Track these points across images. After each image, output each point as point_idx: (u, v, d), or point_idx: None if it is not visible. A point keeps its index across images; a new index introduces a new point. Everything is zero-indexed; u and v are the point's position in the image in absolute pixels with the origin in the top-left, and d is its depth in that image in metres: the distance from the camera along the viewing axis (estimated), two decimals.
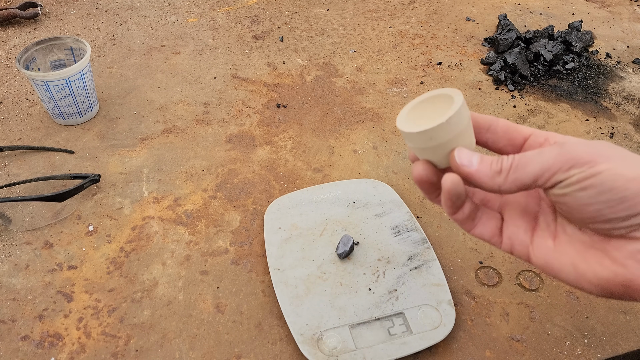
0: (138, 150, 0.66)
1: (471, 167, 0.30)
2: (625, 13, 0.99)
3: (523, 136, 0.33)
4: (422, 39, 0.89)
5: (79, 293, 0.51)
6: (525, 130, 0.33)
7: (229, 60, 0.83)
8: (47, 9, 0.94)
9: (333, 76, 0.80)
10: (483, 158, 0.31)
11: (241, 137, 0.69)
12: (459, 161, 0.31)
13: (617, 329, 0.49)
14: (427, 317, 0.47)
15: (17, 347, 0.47)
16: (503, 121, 0.34)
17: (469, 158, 0.31)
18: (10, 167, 0.63)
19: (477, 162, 0.30)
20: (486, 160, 0.30)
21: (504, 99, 0.77)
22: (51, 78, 0.63)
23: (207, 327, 0.48)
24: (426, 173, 0.33)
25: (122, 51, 0.84)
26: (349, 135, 0.69)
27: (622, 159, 0.27)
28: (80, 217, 0.58)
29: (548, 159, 0.28)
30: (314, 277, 0.50)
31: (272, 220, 0.56)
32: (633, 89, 0.80)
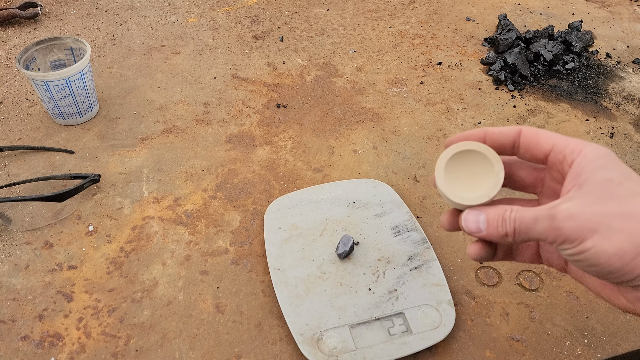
0: (138, 150, 0.66)
1: (481, 233, 0.32)
2: (625, 13, 0.99)
3: (544, 153, 0.33)
4: (422, 39, 0.89)
5: (79, 293, 0.51)
6: (545, 145, 0.33)
7: (229, 60, 0.83)
8: (47, 9, 0.94)
9: (333, 76, 0.80)
10: (489, 222, 0.32)
11: (241, 137, 0.69)
12: (468, 230, 0.33)
13: (617, 329, 0.49)
14: (427, 317, 0.47)
15: (17, 347, 0.47)
16: (524, 137, 0.34)
17: (476, 225, 0.32)
18: (10, 167, 0.63)
19: (484, 227, 0.32)
20: (492, 223, 0.32)
21: (504, 99, 0.77)
22: (51, 78, 0.63)
23: (207, 327, 0.48)
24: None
25: (122, 51, 0.84)
26: (349, 135, 0.69)
27: (607, 228, 0.27)
28: (80, 217, 0.58)
29: (543, 230, 0.29)
30: (314, 277, 0.50)
31: (272, 220, 0.56)
32: (633, 89, 0.80)
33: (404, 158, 0.66)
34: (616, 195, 0.28)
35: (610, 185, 0.28)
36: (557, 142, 0.32)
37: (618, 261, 0.27)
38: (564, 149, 0.32)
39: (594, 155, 0.30)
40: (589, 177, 0.29)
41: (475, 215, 0.32)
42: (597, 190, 0.28)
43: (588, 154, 0.30)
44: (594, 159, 0.30)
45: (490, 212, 0.32)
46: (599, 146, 0.31)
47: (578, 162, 0.30)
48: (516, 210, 0.30)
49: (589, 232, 0.27)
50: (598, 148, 0.30)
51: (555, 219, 0.28)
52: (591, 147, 0.30)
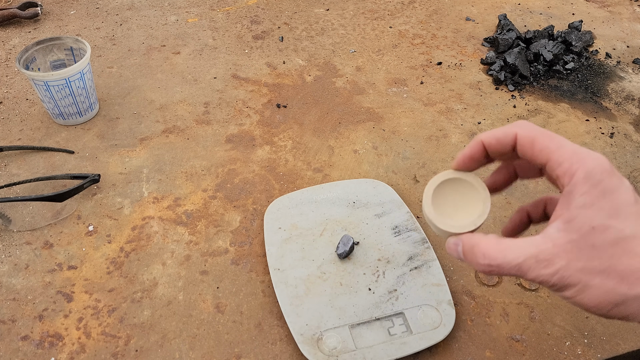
0: (138, 150, 0.66)
1: (466, 260, 0.33)
2: (625, 13, 0.99)
3: (540, 164, 0.32)
4: (422, 39, 0.89)
5: (79, 293, 0.51)
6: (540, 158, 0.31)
7: (229, 60, 0.83)
8: (47, 9, 0.94)
9: (333, 76, 0.80)
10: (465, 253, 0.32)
11: (241, 137, 0.69)
12: (451, 255, 0.34)
13: (617, 329, 0.49)
14: (427, 317, 0.47)
15: (17, 347, 0.47)
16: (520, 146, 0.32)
17: (457, 254, 0.33)
18: (10, 167, 0.63)
19: (463, 257, 0.33)
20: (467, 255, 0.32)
21: (504, 99, 0.77)
22: (51, 78, 0.63)
23: (207, 327, 0.48)
24: None
25: (122, 51, 0.84)
26: (349, 135, 0.69)
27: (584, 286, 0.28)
28: (80, 217, 0.58)
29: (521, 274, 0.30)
30: (314, 277, 0.50)
31: (272, 220, 0.56)
32: (633, 89, 0.80)
33: (404, 158, 0.66)
34: (597, 247, 0.28)
35: (592, 234, 0.28)
36: (552, 157, 0.31)
37: (595, 311, 0.28)
38: (557, 168, 0.30)
39: (584, 186, 0.29)
40: (576, 216, 0.28)
41: (455, 245, 0.33)
42: (579, 239, 0.28)
43: (578, 183, 0.29)
44: (583, 190, 0.29)
45: (465, 244, 0.32)
46: (594, 167, 0.29)
47: (568, 190, 0.29)
48: (486, 247, 0.31)
49: (568, 285, 0.28)
50: (591, 173, 0.29)
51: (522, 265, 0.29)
52: (583, 172, 0.29)
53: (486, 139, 0.33)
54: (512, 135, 0.32)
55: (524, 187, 0.63)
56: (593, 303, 0.28)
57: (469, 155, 0.34)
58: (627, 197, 0.28)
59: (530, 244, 0.29)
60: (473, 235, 0.33)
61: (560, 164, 0.30)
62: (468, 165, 0.35)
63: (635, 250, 0.27)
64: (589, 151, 0.30)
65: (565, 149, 0.30)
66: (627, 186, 0.29)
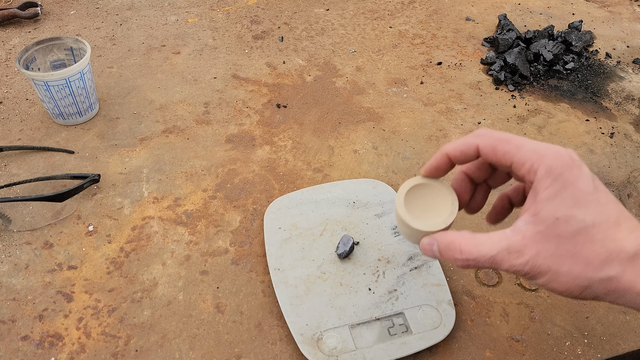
0: (138, 150, 0.66)
1: (438, 258, 0.35)
2: (625, 13, 0.99)
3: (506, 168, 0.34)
4: (422, 39, 0.89)
5: (79, 293, 0.51)
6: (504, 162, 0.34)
7: (229, 60, 0.83)
8: (47, 9, 0.94)
9: (333, 76, 0.80)
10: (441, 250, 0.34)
11: (241, 137, 0.69)
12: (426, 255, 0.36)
13: (617, 329, 0.49)
14: (427, 317, 0.47)
15: (17, 347, 0.47)
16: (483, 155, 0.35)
17: (432, 253, 0.35)
18: (10, 167, 0.63)
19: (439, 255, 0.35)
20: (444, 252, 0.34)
21: (504, 99, 0.77)
22: (51, 78, 0.63)
23: (207, 327, 0.48)
24: None
25: (122, 51, 0.84)
26: (349, 135, 0.69)
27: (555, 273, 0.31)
28: (80, 217, 0.58)
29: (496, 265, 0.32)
30: (314, 277, 0.50)
31: (272, 220, 0.56)
32: (633, 89, 0.80)
33: (404, 158, 0.66)
34: (563, 236, 0.30)
35: (556, 224, 0.30)
36: (514, 160, 0.33)
37: (566, 295, 0.31)
38: (520, 168, 0.32)
39: (546, 180, 0.31)
40: (541, 209, 0.31)
41: (429, 245, 0.35)
42: (545, 230, 0.30)
43: (540, 179, 0.31)
44: (546, 185, 0.31)
45: (440, 242, 0.34)
46: (553, 162, 0.31)
47: (534, 186, 0.32)
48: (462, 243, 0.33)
49: (540, 273, 0.31)
50: (551, 168, 0.31)
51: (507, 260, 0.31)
52: (544, 168, 0.31)
53: (450, 151, 0.36)
54: (474, 146, 0.35)
55: None
56: (564, 288, 0.30)
57: (435, 166, 0.37)
58: (586, 187, 0.30)
59: (502, 237, 0.32)
60: (447, 232, 0.34)
61: (523, 164, 0.32)
62: (435, 174, 0.38)
63: (596, 237, 0.29)
64: (548, 146, 0.32)
65: (525, 149, 0.32)
66: (586, 175, 0.31)
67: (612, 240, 0.29)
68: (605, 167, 0.66)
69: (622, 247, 0.29)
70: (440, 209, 0.37)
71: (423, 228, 0.36)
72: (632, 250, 0.29)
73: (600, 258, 0.29)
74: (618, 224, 0.30)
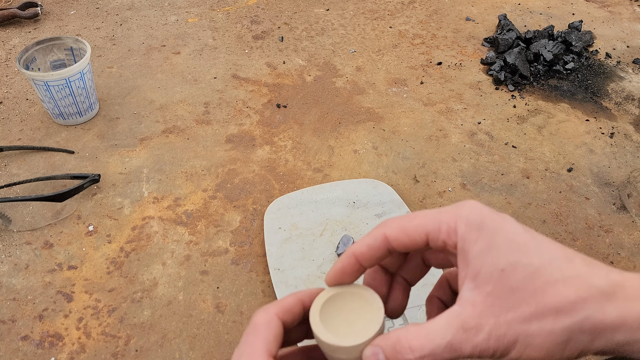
0: (138, 150, 0.66)
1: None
2: (625, 13, 0.99)
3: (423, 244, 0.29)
4: (422, 39, 0.89)
5: (79, 293, 0.51)
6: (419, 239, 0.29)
7: (229, 60, 0.83)
8: (47, 9, 0.94)
9: (333, 76, 0.80)
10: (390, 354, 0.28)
11: (241, 137, 0.69)
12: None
13: None
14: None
15: (17, 347, 0.46)
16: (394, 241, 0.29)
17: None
18: (10, 167, 0.63)
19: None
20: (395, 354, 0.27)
21: (504, 99, 0.77)
22: (51, 78, 0.63)
23: (207, 327, 0.48)
24: None
25: (122, 51, 0.84)
26: (349, 135, 0.69)
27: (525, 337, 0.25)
28: (80, 217, 0.58)
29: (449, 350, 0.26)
30: (314, 277, 0.50)
31: (272, 220, 0.56)
32: (633, 89, 0.80)
33: (404, 158, 0.66)
34: (516, 289, 0.25)
35: (504, 277, 0.26)
36: (429, 228, 0.28)
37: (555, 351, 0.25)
38: (438, 236, 0.28)
39: (471, 234, 0.27)
40: (480, 267, 0.26)
41: (374, 355, 0.29)
42: (495, 288, 0.26)
43: (466, 235, 0.27)
44: (474, 238, 0.26)
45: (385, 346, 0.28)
46: (469, 213, 0.27)
47: (460, 247, 0.27)
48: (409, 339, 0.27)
49: (509, 344, 0.25)
50: (469, 219, 0.27)
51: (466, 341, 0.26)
52: (463, 223, 0.27)
53: (357, 249, 0.30)
54: (380, 236, 0.30)
55: (523, 187, 0.63)
56: (543, 352, 0.25)
57: (341, 270, 0.31)
58: (516, 229, 0.27)
59: (451, 315, 0.26)
60: (389, 333, 0.29)
61: (439, 229, 0.28)
62: (343, 280, 0.31)
63: (552, 277, 0.25)
64: (456, 204, 0.28)
65: (435, 215, 0.28)
66: (509, 218, 0.27)
67: (575, 277, 0.25)
68: (605, 167, 0.66)
69: (590, 283, 0.25)
70: (364, 313, 0.31)
71: (358, 342, 0.29)
72: (603, 286, 0.25)
73: (568, 300, 0.25)
74: (570, 260, 0.26)
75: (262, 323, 0.29)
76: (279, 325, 0.29)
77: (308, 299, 0.30)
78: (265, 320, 0.29)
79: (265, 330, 0.29)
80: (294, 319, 0.30)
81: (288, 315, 0.30)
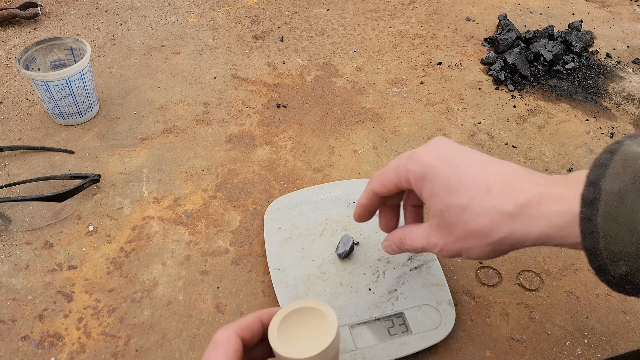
0: (138, 150, 0.66)
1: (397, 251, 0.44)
2: (625, 13, 0.99)
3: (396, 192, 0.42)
4: (422, 39, 0.89)
5: (79, 293, 0.51)
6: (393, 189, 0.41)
7: (229, 60, 0.83)
8: (47, 9, 0.94)
9: (333, 76, 0.80)
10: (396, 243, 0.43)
11: (241, 137, 0.69)
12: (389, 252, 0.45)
13: (617, 329, 0.49)
14: (427, 317, 0.47)
15: (17, 347, 0.47)
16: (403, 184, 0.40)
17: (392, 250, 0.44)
18: (10, 167, 0.63)
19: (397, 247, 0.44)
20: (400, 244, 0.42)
21: (504, 99, 0.77)
22: (51, 78, 0.63)
23: (207, 327, 0.48)
24: None
25: (122, 51, 0.84)
26: (349, 135, 0.69)
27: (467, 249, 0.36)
28: (80, 217, 0.58)
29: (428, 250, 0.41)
30: (314, 277, 0.50)
31: (272, 220, 0.56)
32: (633, 89, 0.80)
33: None
34: (453, 222, 0.35)
35: (443, 215, 0.36)
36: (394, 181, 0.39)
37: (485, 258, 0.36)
38: (402, 184, 0.39)
39: (417, 184, 0.37)
40: (430, 207, 0.37)
41: (388, 246, 0.44)
42: (440, 221, 0.36)
43: (415, 185, 0.38)
44: (420, 187, 0.37)
45: (394, 240, 0.43)
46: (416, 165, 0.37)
47: (415, 191, 0.38)
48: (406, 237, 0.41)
49: (456, 254, 0.37)
50: (416, 173, 0.37)
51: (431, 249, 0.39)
52: (412, 177, 0.37)
53: (363, 202, 0.43)
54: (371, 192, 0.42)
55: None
56: (478, 256, 0.36)
57: (361, 213, 0.44)
58: (448, 173, 0.35)
59: (424, 232, 0.39)
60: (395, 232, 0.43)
61: (400, 181, 0.39)
62: (366, 218, 0.45)
63: (474, 212, 0.34)
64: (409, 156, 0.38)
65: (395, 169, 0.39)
66: (445, 162, 0.36)
67: (490, 208, 0.33)
68: None
69: (500, 210, 0.33)
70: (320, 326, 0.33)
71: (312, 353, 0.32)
72: (510, 210, 0.32)
73: (489, 227, 0.33)
74: (489, 191, 0.33)
75: (222, 340, 0.32)
76: (238, 341, 0.33)
77: (266, 317, 0.34)
78: (225, 338, 0.32)
79: (225, 347, 0.32)
80: (253, 336, 0.34)
81: (247, 333, 0.33)
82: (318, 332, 0.33)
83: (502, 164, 0.35)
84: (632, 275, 0.29)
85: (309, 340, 0.33)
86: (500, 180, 0.34)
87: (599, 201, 0.29)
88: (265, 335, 0.34)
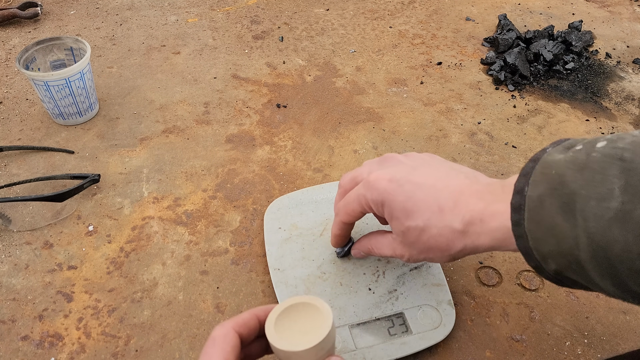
0: (138, 150, 0.66)
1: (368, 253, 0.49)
2: (625, 13, 0.99)
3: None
4: (422, 39, 0.89)
5: (79, 293, 0.51)
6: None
7: (229, 60, 0.83)
8: (47, 9, 0.94)
9: (333, 76, 0.80)
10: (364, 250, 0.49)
11: (241, 137, 0.69)
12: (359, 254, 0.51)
13: (617, 329, 0.49)
14: (427, 317, 0.47)
15: (17, 347, 0.47)
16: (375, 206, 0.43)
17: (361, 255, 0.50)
18: (10, 167, 0.63)
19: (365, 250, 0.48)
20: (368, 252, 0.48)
21: (504, 99, 0.77)
22: (51, 78, 0.63)
23: (207, 327, 0.48)
24: None
25: (122, 51, 0.84)
26: (349, 135, 0.69)
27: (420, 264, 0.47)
28: (80, 217, 0.58)
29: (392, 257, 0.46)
30: (314, 277, 0.50)
31: (272, 220, 0.56)
32: (633, 89, 0.80)
33: None
34: (413, 241, 0.40)
35: (405, 235, 0.40)
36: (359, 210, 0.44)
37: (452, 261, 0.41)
38: (365, 211, 0.44)
39: (379, 209, 0.42)
40: (393, 228, 0.42)
41: (358, 252, 0.49)
42: (403, 239, 0.41)
43: (376, 210, 0.42)
44: (381, 212, 0.42)
45: (361, 248, 0.48)
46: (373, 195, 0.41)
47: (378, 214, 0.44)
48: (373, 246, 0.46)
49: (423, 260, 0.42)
50: (376, 201, 0.41)
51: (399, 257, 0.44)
52: (373, 204, 0.42)
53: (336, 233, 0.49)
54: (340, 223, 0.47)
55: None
56: (443, 262, 0.43)
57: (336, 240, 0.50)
58: (404, 198, 0.39)
59: (390, 243, 0.44)
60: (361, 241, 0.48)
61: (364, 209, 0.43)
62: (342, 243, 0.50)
63: (432, 232, 0.38)
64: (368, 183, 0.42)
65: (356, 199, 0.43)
66: (399, 187, 0.40)
67: (444, 227, 0.38)
68: None
69: (452, 228, 0.37)
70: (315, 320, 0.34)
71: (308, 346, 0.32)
72: (459, 228, 0.37)
73: (446, 243, 0.38)
74: (441, 211, 0.38)
75: (220, 336, 0.33)
76: (236, 337, 0.33)
77: (263, 314, 0.35)
78: (223, 334, 0.33)
79: (222, 343, 0.32)
80: (250, 332, 0.34)
81: (244, 329, 0.34)
82: (314, 326, 0.34)
83: (454, 178, 0.39)
84: (564, 271, 0.32)
85: (305, 334, 0.34)
86: (449, 198, 0.38)
87: (524, 207, 0.33)
88: (262, 332, 0.35)
